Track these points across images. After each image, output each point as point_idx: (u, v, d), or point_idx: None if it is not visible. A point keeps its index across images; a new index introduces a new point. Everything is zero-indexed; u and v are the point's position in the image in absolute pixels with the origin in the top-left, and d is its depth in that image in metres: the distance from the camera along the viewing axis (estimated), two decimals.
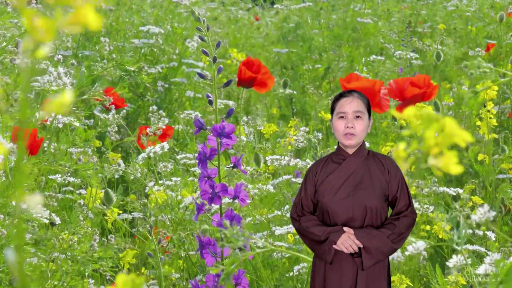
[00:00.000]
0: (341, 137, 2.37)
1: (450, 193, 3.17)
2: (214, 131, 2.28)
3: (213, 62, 2.34)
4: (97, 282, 2.72)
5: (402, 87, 3.30)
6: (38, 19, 0.74)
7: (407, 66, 4.97)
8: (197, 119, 2.31)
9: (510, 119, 4.29)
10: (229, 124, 2.28)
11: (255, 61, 3.55)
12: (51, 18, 0.75)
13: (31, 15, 0.75)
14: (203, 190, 2.28)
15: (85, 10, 0.76)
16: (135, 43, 4.68)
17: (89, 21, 0.76)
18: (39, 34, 0.75)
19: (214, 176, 2.30)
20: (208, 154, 2.28)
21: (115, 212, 3.05)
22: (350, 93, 2.42)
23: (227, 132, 2.27)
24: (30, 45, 0.76)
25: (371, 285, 2.33)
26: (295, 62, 5.68)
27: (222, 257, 2.29)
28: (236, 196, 2.31)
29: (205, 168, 2.29)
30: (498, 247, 2.93)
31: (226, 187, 2.28)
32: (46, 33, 0.75)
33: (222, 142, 2.28)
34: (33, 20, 0.74)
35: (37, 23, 0.74)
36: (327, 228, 2.33)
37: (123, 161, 3.55)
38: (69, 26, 0.76)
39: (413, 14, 6.53)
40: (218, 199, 2.28)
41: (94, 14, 0.75)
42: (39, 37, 0.75)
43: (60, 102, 0.78)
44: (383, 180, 2.36)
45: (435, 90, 3.31)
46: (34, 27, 0.75)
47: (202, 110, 4.76)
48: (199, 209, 2.30)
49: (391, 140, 4.10)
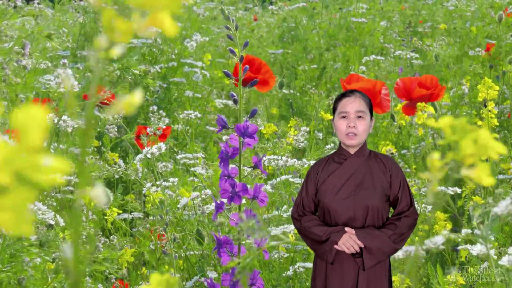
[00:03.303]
0: (343, 137, 2.37)
1: (449, 192, 3.17)
2: (238, 131, 2.28)
3: (240, 62, 2.35)
4: (101, 282, 2.71)
5: (410, 87, 3.30)
6: (117, 20, 0.75)
7: (407, 66, 4.97)
8: (220, 117, 2.31)
9: (509, 119, 4.29)
10: (253, 124, 2.28)
11: (255, 60, 3.53)
12: (129, 21, 0.75)
13: (110, 15, 0.75)
14: (223, 189, 2.29)
15: (162, 15, 0.76)
16: (134, 43, 4.67)
17: (166, 26, 0.76)
18: (115, 34, 0.76)
19: (235, 175, 2.30)
20: (230, 153, 2.29)
21: (114, 212, 3.04)
22: (352, 93, 2.41)
23: (250, 132, 2.28)
24: (105, 44, 0.76)
25: (372, 285, 2.33)
26: (291, 62, 5.68)
27: (239, 256, 2.29)
28: (255, 196, 2.32)
29: (226, 167, 2.29)
30: (498, 247, 2.93)
31: (247, 187, 2.29)
32: (123, 34, 0.76)
33: (245, 142, 2.29)
34: (112, 21, 0.75)
35: (115, 24, 0.75)
36: (328, 228, 2.33)
37: (122, 161, 3.54)
38: (145, 29, 0.77)
39: (413, 15, 6.53)
40: (238, 198, 2.28)
41: (170, 19, 0.76)
42: (115, 38, 0.76)
43: (129, 102, 0.79)
44: (384, 180, 2.36)
45: (442, 91, 3.32)
46: (111, 28, 0.75)
47: (202, 110, 4.75)
48: (219, 207, 2.30)
49: (390, 140, 4.10)
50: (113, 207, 3.02)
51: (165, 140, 3.57)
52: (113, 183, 3.66)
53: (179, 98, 4.73)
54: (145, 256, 3.09)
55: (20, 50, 1.91)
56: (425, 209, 3.11)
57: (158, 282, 0.88)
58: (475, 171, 0.94)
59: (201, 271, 2.95)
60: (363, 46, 5.71)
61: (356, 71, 4.92)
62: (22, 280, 1.66)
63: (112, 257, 1.83)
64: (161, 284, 0.88)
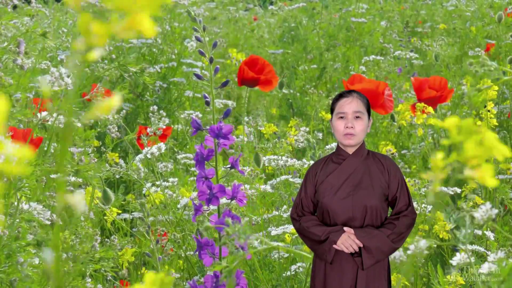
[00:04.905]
0: (341, 137, 2.38)
1: (448, 192, 3.17)
2: (212, 132, 2.26)
3: (209, 63, 2.33)
4: (99, 282, 2.71)
5: (422, 88, 3.32)
6: (94, 23, 0.75)
7: (405, 66, 4.97)
8: (194, 119, 2.30)
9: (509, 119, 4.29)
10: (227, 125, 2.27)
11: (258, 60, 3.52)
12: (106, 23, 0.75)
13: (87, 19, 0.75)
14: (201, 191, 2.27)
15: (140, 17, 0.76)
16: (133, 43, 4.67)
17: (144, 27, 0.76)
18: (93, 37, 0.76)
19: (212, 176, 2.29)
20: (206, 154, 2.27)
21: (114, 212, 3.04)
22: (349, 93, 2.42)
23: (224, 132, 2.26)
24: (82, 47, 0.76)
25: (371, 284, 2.33)
26: (291, 62, 5.68)
27: (220, 257, 2.28)
28: (234, 196, 2.30)
29: (203, 169, 2.27)
30: (498, 247, 2.93)
31: (224, 187, 2.27)
32: (100, 37, 0.76)
33: (220, 143, 2.27)
34: (88, 24, 0.75)
35: (92, 27, 0.75)
36: (327, 228, 2.33)
37: (122, 161, 3.54)
38: (124, 31, 0.77)
39: (412, 15, 6.53)
40: (216, 200, 2.26)
41: (149, 21, 0.76)
42: (92, 41, 0.76)
43: (107, 105, 0.79)
44: (383, 180, 2.37)
45: (450, 93, 3.33)
46: (88, 31, 0.75)
47: (202, 110, 4.75)
48: (197, 210, 2.29)
49: (390, 140, 4.10)
50: (113, 207, 3.02)
51: (165, 141, 3.57)
52: (113, 183, 3.66)
53: (179, 98, 4.73)
54: (145, 256, 3.09)
55: (16, 49, 1.91)
56: (425, 209, 3.11)
57: (152, 281, 0.88)
58: (479, 172, 0.94)
59: (201, 271, 2.95)
60: (362, 46, 5.71)
61: (356, 71, 4.92)
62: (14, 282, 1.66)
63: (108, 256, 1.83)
64: (155, 284, 0.87)
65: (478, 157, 0.92)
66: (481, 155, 0.92)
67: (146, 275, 0.88)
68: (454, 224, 1.43)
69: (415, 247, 1.49)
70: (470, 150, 0.92)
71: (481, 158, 0.92)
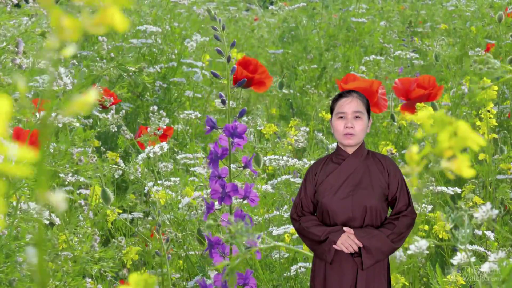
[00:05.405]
0: (341, 137, 2.38)
1: (448, 192, 3.17)
2: (226, 131, 2.27)
3: (227, 62, 2.34)
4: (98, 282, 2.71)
5: (409, 87, 3.31)
6: (65, 19, 0.74)
7: (407, 66, 4.97)
8: (209, 118, 2.31)
9: (509, 119, 4.29)
10: (241, 124, 2.28)
11: (252, 61, 3.53)
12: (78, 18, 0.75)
13: (58, 14, 0.75)
14: (214, 189, 2.28)
15: (111, 11, 0.76)
16: (133, 43, 4.67)
17: (116, 22, 0.76)
18: (65, 33, 0.75)
19: (225, 175, 2.30)
20: (220, 153, 2.28)
21: (114, 212, 3.04)
22: (349, 93, 2.42)
23: (239, 132, 2.27)
24: (56, 44, 0.76)
25: (371, 284, 2.33)
26: (291, 62, 5.68)
27: (230, 256, 2.29)
28: (246, 196, 2.31)
29: (216, 168, 2.29)
30: (498, 247, 2.93)
31: (237, 187, 2.29)
32: (72, 33, 0.76)
33: (234, 142, 2.28)
34: (60, 20, 0.75)
35: (63, 23, 0.74)
36: (327, 228, 2.33)
37: (122, 161, 3.54)
38: (95, 26, 0.76)
39: (413, 15, 6.53)
40: (229, 199, 2.28)
41: (121, 15, 0.75)
42: (65, 37, 0.76)
43: (83, 101, 0.78)
44: (382, 179, 2.36)
45: (440, 91, 3.33)
46: (60, 27, 0.75)
47: (202, 110, 4.75)
48: (209, 208, 2.30)
49: (390, 140, 4.10)
50: (118, 208, 3.02)
51: (166, 141, 3.57)
52: (114, 183, 3.66)
53: (179, 98, 4.73)
54: (145, 256, 3.09)
55: (14, 49, 1.91)
56: (425, 209, 3.11)
57: (136, 282, 0.88)
58: (455, 163, 0.94)
59: (202, 271, 2.95)
60: (363, 46, 5.71)
61: (356, 71, 4.92)
62: (13, 282, 1.66)
63: (108, 256, 1.83)
64: (139, 284, 0.88)
65: (453, 148, 0.92)
66: (456, 146, 0.92)
67: (130, 275, 0.88)
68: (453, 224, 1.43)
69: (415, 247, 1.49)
70: (444, 142, 0.92)
71: (456, 149, 0.92)
